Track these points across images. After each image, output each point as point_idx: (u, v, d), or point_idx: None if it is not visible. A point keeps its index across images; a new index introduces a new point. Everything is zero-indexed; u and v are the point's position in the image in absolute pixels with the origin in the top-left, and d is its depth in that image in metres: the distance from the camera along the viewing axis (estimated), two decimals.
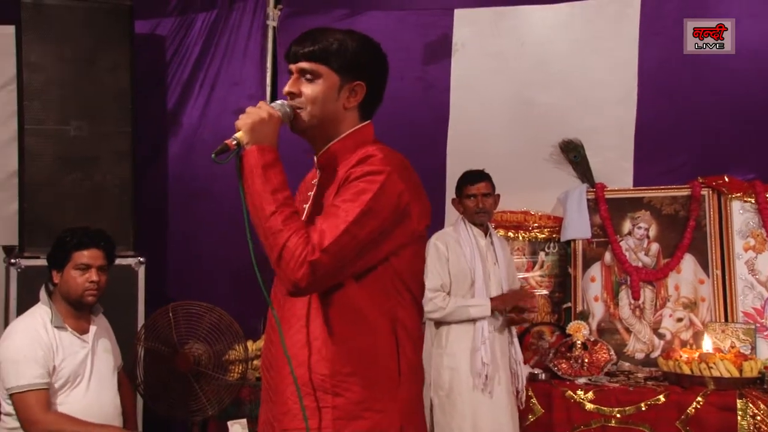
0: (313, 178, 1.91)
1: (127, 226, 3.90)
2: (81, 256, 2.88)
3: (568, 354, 3.90)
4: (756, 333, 3.91)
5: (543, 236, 4.43)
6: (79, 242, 2.90)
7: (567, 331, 4.02)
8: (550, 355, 3.94)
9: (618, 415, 3.55)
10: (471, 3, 4.44)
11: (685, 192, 4.24)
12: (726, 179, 4.16)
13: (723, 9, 4.14)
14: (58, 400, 2.81)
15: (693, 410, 3.47)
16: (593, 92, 4.30)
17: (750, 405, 3.43)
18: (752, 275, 4.07)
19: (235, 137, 1.72)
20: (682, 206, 4.24)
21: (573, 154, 4.35)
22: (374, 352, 1.76)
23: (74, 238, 2.91)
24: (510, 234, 4.40)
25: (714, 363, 3.54)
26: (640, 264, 4.24)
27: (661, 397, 3.54)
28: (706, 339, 3.90)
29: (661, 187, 4.28)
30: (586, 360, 3.86)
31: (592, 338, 4.00)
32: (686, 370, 3.59)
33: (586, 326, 4.00)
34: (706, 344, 3.87)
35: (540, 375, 3.84)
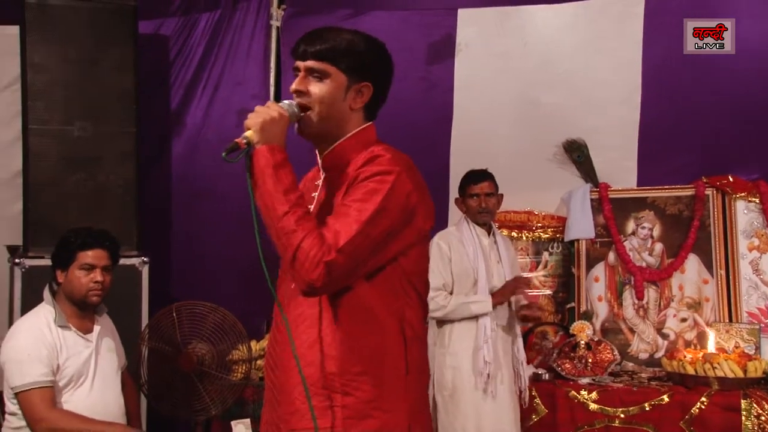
0: (316, 179, 1.90)
1: (131, 226, 3.90)
2: (85, 256, 2.89)
3: (572, 354, 3.89)
4: (760, 333, 3.90)
5: (546, 236, 4.43)
6: (84, 242, 2.90)
7: (571, 331, 4.02)
8: (554, 355, 3.94)
9: (622, 416, 3.55)
10: (475, 3, 4.43)
11: (689, 192, 4.23)
12: (730, 179, 4.16)
13: (725, 9, 4.13)
14: (62, 399, 2.82)
15: (697, 410, 3.46)
16: (597, 92, 4.29)
17: (754, 405, 3.42)
18: (756, 275, 4.06)
19: (245, 136, 1.72)
20: (686, 206, 4.23)
21: (576, 154, 4.35)
22: (383, 351, 1.77)
23: (79, 238, 2.91)
24: (513, 234, 4.40)
25: (718, 363, 3.53)
26: (644, 264, 4.24)
27: (665, 398, 3.53)
28: (710, 339, 3.90)
29: (665, 187, 4.28)
30: (590, 360, 3.86)
31: (596, 338, 4.00)
32: (690, 371, 3.58)
33: (590, 326, 4.00)
34: (710, 344, 3.86)
35: (543, 375, 3.84)
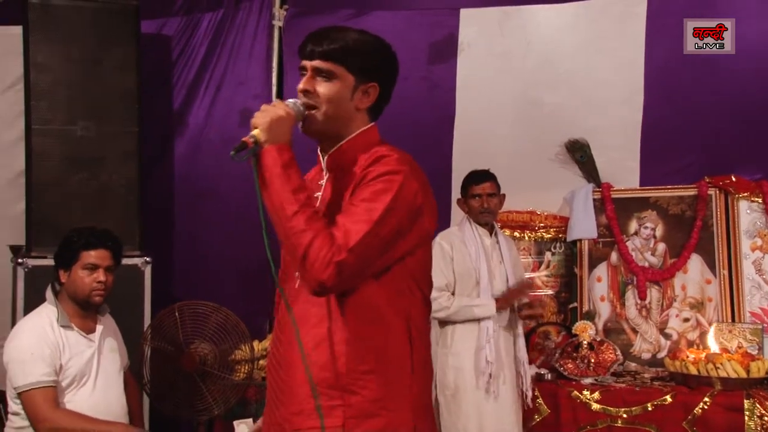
0: (318, 178, 1.90)
1: (134, 226, 3.91)
2: (89, 256, 2.89)
3: (575, 354, 3.89)
4: (763, 333, 3.90)
5: (549, 236, 4.42)
6: (87, 242, 2.90)
7: (573, 331, 4.02)
8: (556, 355, 3.93)
9: (624, 416, 3.55)
10: (477, 3, 4.43)
11: (692, 192, 4.23)
12: (733, 179, 4.16)
13: (726, 9, 4.12)
14: (65, 399, 2.82)
15: (700, 411, 3.46)
16: (599, 92, 4.29)
17: (757, 405, 3.42)
18: (759, 275, 4.06)
19: (252, 135, 1.70)
20: (689, 206, 4.23)
21: (579, 154, 4.34)
22: (390, 351, 1.77)
23: (82, 238, 2.91)
24: (516, 234, 4.39)
25: (721, 363, 3.53)
26: (647, 264, 4.23)
27: (668, 398, 3.53)
28: (712, 339, 3.89)
29: (668, 187, 4.28)
30: (593, 360, 3.86)
31: (599, 338, 3.99)
32: (693, 371, 3.58)
33: (593, 326, 4.00)
34: (712, 344, 3.86)
35: (546, 375, 3.84)
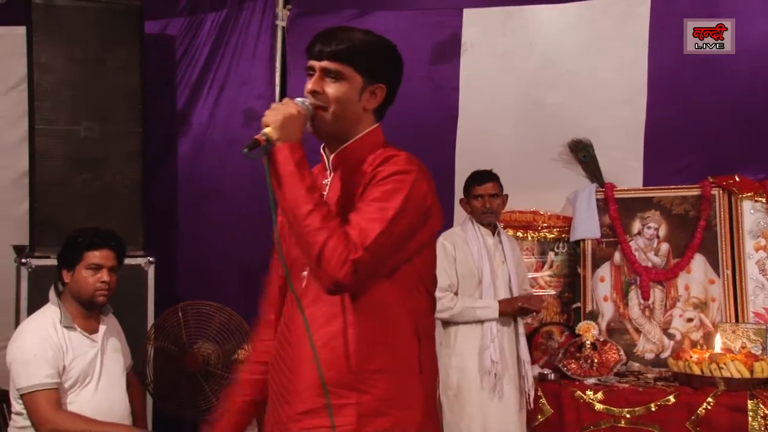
0: (323, 178, 1.90)
1: (137, 226, 3.92)
2: (93, 257, 2.89)
3: (578, 354, 3.89)
4: (767, 333, 3.89)
5: (552, 236, 4.42)
6: (91, 242, 2.90)
7: (576, 331, 4.01)
8: (560, 355, 3.93)
9: (628, 416, 3.54)
10: (480, 3, 4.43)
11: (696, 192, 4.22)
12: (737, 179, 4.14)
13: (732, 8, 4.11)
14: (68, 400, 2.82)
15: (703, 411, 3.45)
16: (602, 92, 4.28)
17: (761, 406, 3.41)
18: (763, 275, 4.05)
19: (264, 133, 1.70)
20: (693, 206, 4.22)
21: (582, 154, 4.34)
22: (399, 350, 1.78)
23: (86, 238, 2.91)
24: (519, 234, 4.39)
25: (724, 363, 3.52)
26: (650, 264, 4.23)
27: (671, 398, 3.52)
28: (717, 339, 3.89)
29: (671, 187, 4.26)
30: (596, 360, 3.85)
31: (602, 338, 3.99)
32: (696, 371, 3.57)
33: (596, 326, 3.99)
34: (716, 344, 3.85)
35: (549, 375, 3.84)
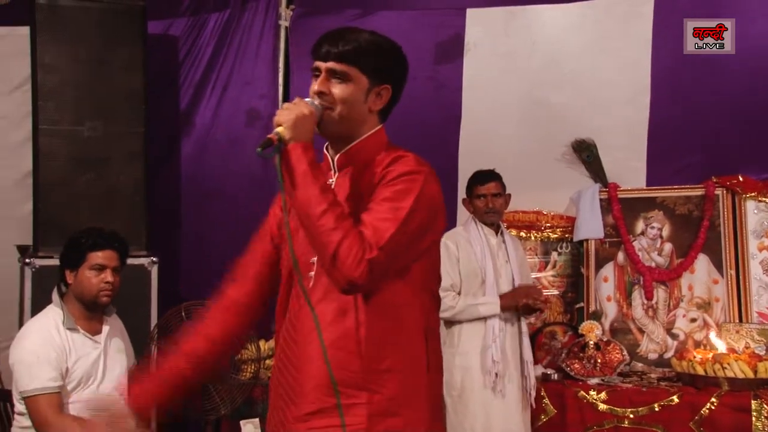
0: (327, 178, 1.90)
1: (140, 226, 3.92)
2: (96, 257, 2.89)
3: (581, 354, 3.88)
4: None
5: (555, 236, 4.41)
6: (95, 243, 2.90)
7: (579, 331, 4.01)
8: (563, 356, 3.93)
9: (631, 416, 3.54)
10: (482, 2, 4.42)
11: (699, 192, 4.21)
12: (740, 179, 4.14)
13: (735, 8, 4.11)
14: (70, 400, 2.82)
15: (707, 411, 3.45)
16: (605, 92, 4.28)
17: (764, 406, 3.40)
18: (767, 275, 4.04)
19: (277, 132, 1.69)
20: (696, 206, 4.21)
21: (585, 154, 4.33)
22: (408, 349, 1.78)
23: (89, 239, 2.91)
24: (522, 234, 4.39)
25: (728, 364, 3.52)
26: (653, 264, 4.22)
27: (675, 398, 3.52)
28: (719, 339, 3.88)
29: (675, 187, 4.26)
30: (599, 360, 3.85)
31: (605, 338, 3.99)
32: (700, 371, 3.57)
33: (599, 326, 3.99)
34: (719, 344, 3.85)
35: (552, 375, 3.83)
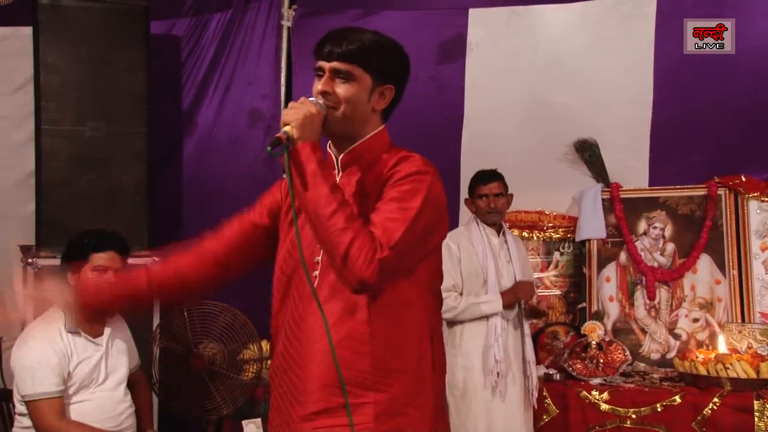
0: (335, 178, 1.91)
1: (142, 227, 3.92)
2: (98, 258, 2.89)
3: (583, 354, 3.88)
4: None
5: (558, 236, 4.41)
6: (96, 244, 2.90)
7: (582, 332, 4.01)
8: (565, 356, 3.93)
9: (633, 416, 3.54)
10: (485, 2, 4.42)
11: (701, 192, 4.21)
12: (743, 179, 4.13)
13: (737, 7, 4.10)
14: (71, 401, 2.82)
15: (709, 411, 3.44)
16: (608, 91, 4.28)
17: (767, 406, 3.40)
18: None
19: (285, 131, 1.69)
20: (698, 206, 4.21)
21: (588, 154, 4.33)
22: (414, 349, 1.79)
23: (91, 240, 2.92)
24: (524, 234, 4.39)
25: (730, 364, 3.51)
26: (656, 264, 4.22)
27: (677, 398, 3.52)
28: (720, 339, 3.88)
29: (677, 187, 4.26)
30: (601, 360, 3.85)
31: (607, 338, 3.98)
32: (702, 371, 3.56)
33: (601, 326, 3.99)
34: (721, 345, 3.84)
35: (555, 375, 3.83)
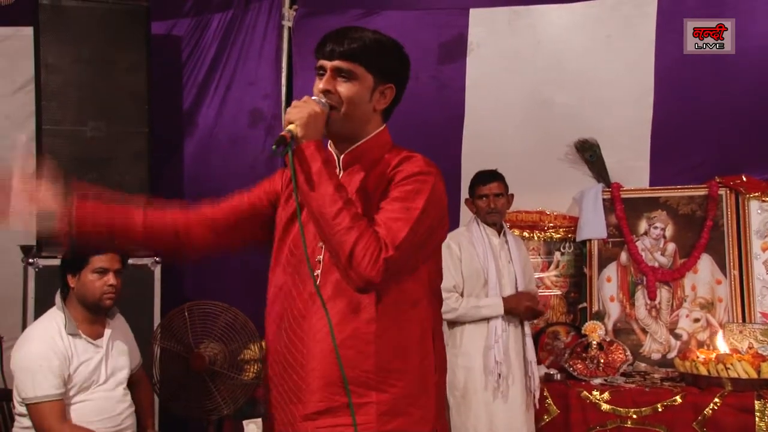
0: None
1: None
2: (99, 260, 2.89)
3: (584, 354, 3.88)
4: None
5: (558, 236, 4.41)
6: None
7: (582, 332, 4.01)
8: (566, 356, 3.93)
9: (634, 416, 3.54)
10: (486, 2, 4.42)
11: (702, 192, 4.21)
12: (744, 179, 4.14)
13: (739, 7, 4.10)
14: (72, 402, 2.83)
15: (710, 411, 3.45)
16: (609, 92, 4.27)
17: None
18: None
19: (289, 130, 1.68)
20: (699, 206, 4.21)
21: (588, 154, 4.33)
22: (416, 349, 1.79)
23: None
24: (525, 234, 4.39)
25: (731, 364, 3.51)
26: (657, 264, 4.22)
27: (678, 398, 3.52)
28: (721, 339, 3.88)
29: (678, 187, 4.26)
30: (602, 360, 3.85)
31: (608, 338, 3.99)
32: (703, 371, 3.56)
33: (602, 326, 3.99)
34: (721, 345, 3.84)
35: (555, 375, 3.83)
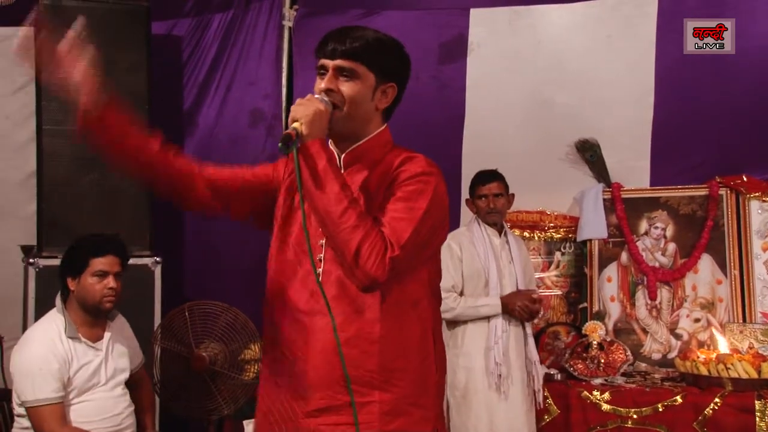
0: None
1: (144, 227, 3.92)
2: (98, 263, 2.88)
3: (584, 354, 3.88)
4: None
5: (559, 236, 4.41)
6: (96, 249, 2.89)
7: (583, 332, 4.01)
8: (566, 356, 3.93)
9: (635, 416, 3.54)
10: (487, 2, 4.42)
11: (703, 192, 4.21)
12: (744, 179, 4.13)
13: (739, 7, 4.10)
14: (72, 403, 2.83)
15: (710, 411, 3.45)
16: (609, 92, 4.27)
17: None
18: None
19: (294, 128, 1.68)
20: (700, 206, 4.21)
21: (589, 154, 4.33)
22: (417, 348, 1.80)
23: (91, 245, 2.91)
24: (526, 234, 4.38)
25: (732, 364, 3.52)
26: (657, 264, 4.22)
27: (678, 398, 3.52)
28: (721, 340, 3.88)
29: (678, 187, 4.26)
30: (603, 360, 3.85)
31: (609, 338, 3.98)
32: (704, 371, 3.56)
33: (602, 326, 3.99)
34: (721, 345, 3.84)
35: (556, 375, 3.83)
